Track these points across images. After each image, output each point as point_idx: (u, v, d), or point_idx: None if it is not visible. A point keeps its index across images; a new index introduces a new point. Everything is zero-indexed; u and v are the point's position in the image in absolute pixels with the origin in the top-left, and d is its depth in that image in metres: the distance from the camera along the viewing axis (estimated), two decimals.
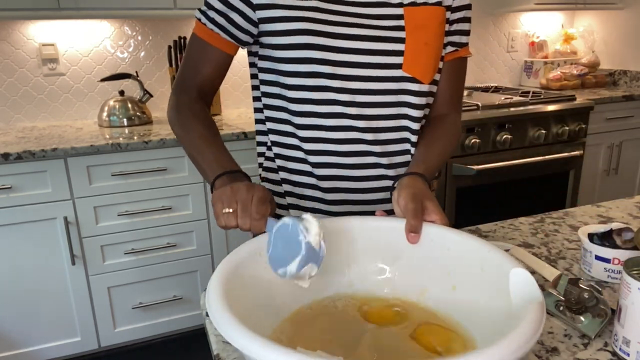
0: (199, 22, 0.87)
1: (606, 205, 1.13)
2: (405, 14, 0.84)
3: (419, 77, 0.86)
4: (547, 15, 3.15)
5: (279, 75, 0.87)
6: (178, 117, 0.87)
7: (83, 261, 1.91)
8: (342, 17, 0.83)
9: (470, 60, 3.01)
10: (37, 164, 1.76)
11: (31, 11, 1.89)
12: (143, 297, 2.04)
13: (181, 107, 0.88)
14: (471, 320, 0.60)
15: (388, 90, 0.86)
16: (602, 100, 2.60)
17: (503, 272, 0.57)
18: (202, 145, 0.82)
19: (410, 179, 0.77)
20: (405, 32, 0.84)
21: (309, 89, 0.84)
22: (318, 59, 0.82)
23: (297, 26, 0.82)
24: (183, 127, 0.86)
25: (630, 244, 0.78)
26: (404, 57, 0.84)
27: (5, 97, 2.20)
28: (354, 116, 0.86)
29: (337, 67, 0.83)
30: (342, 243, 0.69)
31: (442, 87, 0.93)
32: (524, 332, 0.44)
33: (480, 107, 2.31)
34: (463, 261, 0.64)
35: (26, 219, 1.79)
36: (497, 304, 0.56)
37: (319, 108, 0.86)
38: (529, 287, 0.52)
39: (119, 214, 1.91)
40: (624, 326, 0.58)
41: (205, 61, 0.88)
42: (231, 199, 0.67)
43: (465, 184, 2.27)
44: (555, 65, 3.06)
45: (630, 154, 2.83)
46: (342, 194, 0.91)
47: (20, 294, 1.86)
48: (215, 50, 0.87)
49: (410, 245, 0.67)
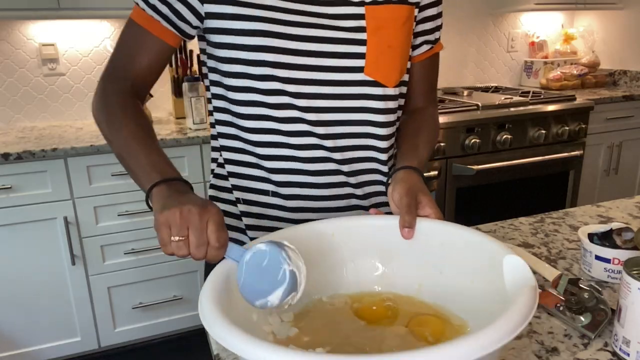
0: (137, 7, 0.78)
1: (606, 205, 1.13)
2: (366, 13, 0.78)
3: (382, 81, 0.81)
4: (547, 15, 3.15)
5: (223, 77, 0.81)
6: (106, 111, 0.77)
7: (83, 261, 1.91)
8: (300, 16, 0.76)
9: (470, 60, 3.01)
10: (37, 164, 1.76)
11: (31, 11, 1.88)
12: (143, 297, 2.04)
13: (110, 99, 0.77)
14: (467, 311, 0.60)
15: (348, 94, 0.80)
16: (602, 100, 2.60)
17: (497, 260, 0.57)
18: (134, 146, 0.72)
19: (404, 172, 0.76)
20: (366, 33, 0.79)
21: (261, 92, 0.78)
22: (272, 62, 0.76)
23: (250, 26, 0.75)
24: (111, 124, 0.76)
25: (630, 244, 0.78)
26: (365, 60, 0.79)
27: (5, 97, 2.20)
28: (312, 122, 0.80)
29: (293, 71, 0.77)
30: (337, 243, 0.69)
31: (418, 83, 0.91)
32: (512, 317, 0.44)
33: (480, 107, 2.31)
34: (457, 253, 0.64)
35: (26, 219, 1.79)
36: (493, 292, 0.56)
37: (275, 112, 0.79)
38: (522, 273, 0.53)
39: (119, 214, 1.91)
40: (624, 326, 0.58)
41: (142, 50, 0.78)
42: (182, 225, 0.59)
43: (465, 184, 2.27)
44: (555, 65, 3.06)
45: (630, 154, 2.83)
46: (302, 201, 0.84)
47: (20, 294, 1.86)
48: (154, 40, 0.77)
49: (405, 241, 0.67)
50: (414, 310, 0.64)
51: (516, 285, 0.52)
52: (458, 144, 2.21)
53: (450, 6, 2.87)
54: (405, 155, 0.83)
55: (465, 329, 0.59)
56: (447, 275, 0.65)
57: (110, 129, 0.76)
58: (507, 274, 0.55)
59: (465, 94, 2.56)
